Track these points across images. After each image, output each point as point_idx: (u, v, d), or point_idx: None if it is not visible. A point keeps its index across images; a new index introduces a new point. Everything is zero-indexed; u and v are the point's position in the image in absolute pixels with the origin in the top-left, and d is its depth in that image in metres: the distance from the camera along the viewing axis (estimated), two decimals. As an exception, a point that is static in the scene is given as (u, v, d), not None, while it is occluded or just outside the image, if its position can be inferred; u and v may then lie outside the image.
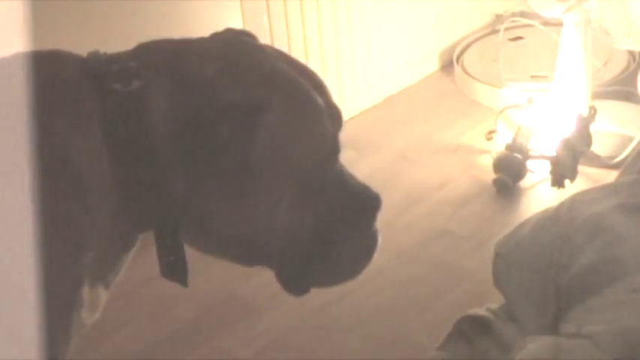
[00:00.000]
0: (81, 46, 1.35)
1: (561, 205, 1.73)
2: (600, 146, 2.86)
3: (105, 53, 1.32)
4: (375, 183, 1.42)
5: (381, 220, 1.41)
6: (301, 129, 1.31)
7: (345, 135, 1.40)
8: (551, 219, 1.70)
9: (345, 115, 1.34)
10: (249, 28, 1.38)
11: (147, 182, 1.26)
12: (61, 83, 1.27)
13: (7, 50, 1.31)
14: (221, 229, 1.32)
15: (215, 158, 1.26)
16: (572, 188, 2.61)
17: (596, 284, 1.54)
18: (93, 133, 1.24)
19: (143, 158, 1.25)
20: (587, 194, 1.74)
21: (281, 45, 2.93)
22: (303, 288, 1.43)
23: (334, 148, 1.37)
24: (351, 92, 3.20)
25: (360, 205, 1.38)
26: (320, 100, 1.33)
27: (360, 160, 2.92)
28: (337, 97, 3.13)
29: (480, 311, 1.74)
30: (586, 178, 2.77)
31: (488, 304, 1.80)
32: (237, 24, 2.79)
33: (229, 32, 1.41)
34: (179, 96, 1.26)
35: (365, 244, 1.41)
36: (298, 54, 3.00)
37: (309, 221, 1.34)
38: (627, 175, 1.84)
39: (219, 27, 1.41)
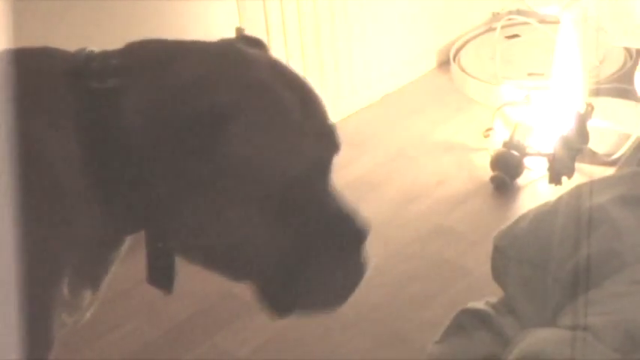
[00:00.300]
0: (78, 46, 1.34)
1: (560, 198, 1.73)
2: (597, 143, 2.86)
3: (91, 51, 1.29)
4: (372, 180, 1.40)
5: (379, 218, 1.38)
6: (268, 143, 1.24)
7: (342, 133, 1.36)
8: (550, 212, 1.69)
9: (343, 113, 1.32)
10: (245, 27, 1.37)
11: (121, 183, 1.23)
12: (39, 80, 1.25)
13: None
14: (200, 238, 1.28)
15: (185, 164, 1.22)
16: (569, 185, 2.60)
17: (596, 276, 1.54)
18: (67, 130, 1.22)
19: (116, 159, 1.22)
20: (586, 187, 1.74)
21: (278, 44, 2.93)
22: (285, 309, 1.36)
23: (319, 168, 1.29)
24: (348, 90, 3.20)
25: (344, 233, 1.31)
26: (298, 116, 1.26)
27: (357, 157, 2.91)
28: (335, 95, 3.16)
29: (479, 305, 1.73)
30: (583, 175, 2.78)
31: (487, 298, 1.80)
32: (234, 23, 2.78)
33: (237, 38, 1.37)
34: (156, 98, 1.23)
35: (350, 272, 1.35)
36: (295, 53, 3.00)
37: (287, 241, 1.28)
38: (626, 168, 1.84)
39: (216, 27, 1.39)
